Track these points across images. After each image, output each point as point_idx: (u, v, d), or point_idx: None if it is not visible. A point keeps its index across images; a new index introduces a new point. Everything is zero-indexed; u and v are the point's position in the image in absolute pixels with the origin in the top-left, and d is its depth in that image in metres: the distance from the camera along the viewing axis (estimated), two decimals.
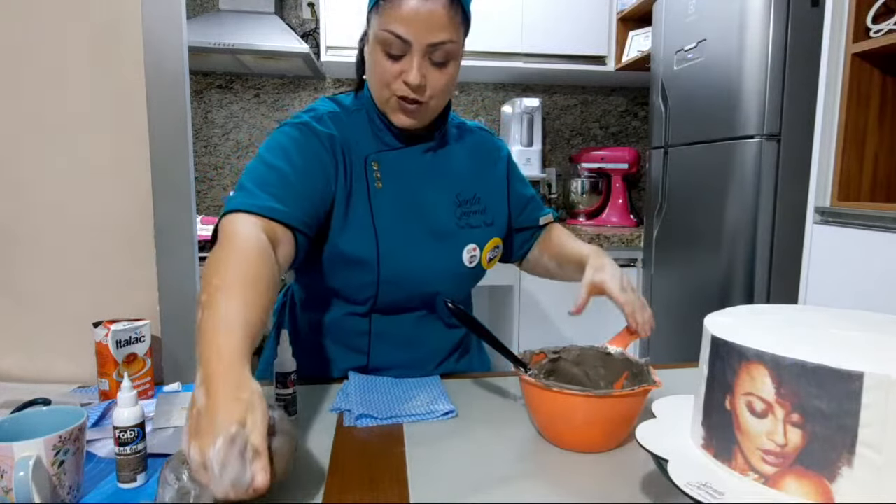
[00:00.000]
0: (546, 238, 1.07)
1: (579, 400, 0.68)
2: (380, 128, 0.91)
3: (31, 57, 0.95)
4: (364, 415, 0.79)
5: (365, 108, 0.92)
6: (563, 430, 0.71)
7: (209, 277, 0.65)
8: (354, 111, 0.93)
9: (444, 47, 0.81)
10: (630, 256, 2.41)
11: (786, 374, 0.47)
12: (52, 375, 0.99)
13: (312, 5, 2.76)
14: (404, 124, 0.87)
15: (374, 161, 0.90)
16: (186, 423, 0.54)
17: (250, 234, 0.72)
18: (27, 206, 0.98)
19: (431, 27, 0.79)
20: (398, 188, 0.91)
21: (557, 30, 2.58)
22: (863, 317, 0.59)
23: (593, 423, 0.69)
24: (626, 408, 0.69)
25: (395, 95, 0.84)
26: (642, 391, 0.69)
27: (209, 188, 2.84)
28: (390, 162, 0.91)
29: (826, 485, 0.45)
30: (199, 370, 0.56)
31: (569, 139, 3.06)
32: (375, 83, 0.85)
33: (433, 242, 0.92)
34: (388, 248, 0.88)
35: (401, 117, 0.86)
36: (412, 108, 0.85)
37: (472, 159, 0.99)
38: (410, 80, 0.81)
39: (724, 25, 1.76)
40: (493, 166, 1.02)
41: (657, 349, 2.23)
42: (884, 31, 1.32)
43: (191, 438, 0.51)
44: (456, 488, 0.63)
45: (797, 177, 1.61)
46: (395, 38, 0.79)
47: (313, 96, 2.85)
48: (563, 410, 0.69)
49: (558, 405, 0.69)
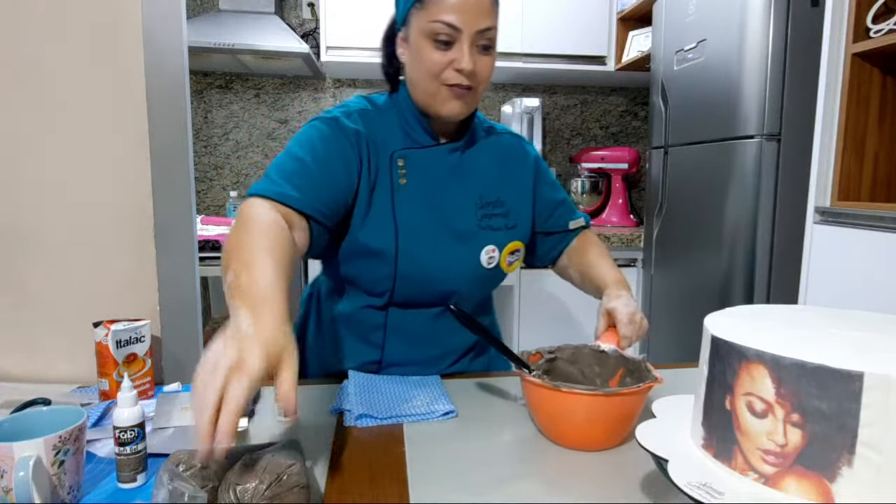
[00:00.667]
0: (577, 249, 1.07)
1: (586, 399, 0.68)
2: (412, 126, 0.93)
3: (31, 57, 0.95)
4: (364, 415, 0.79)
5: (397, 107, 0.95)
6: (567, 428, 0.72)
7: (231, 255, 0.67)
8: (386, 110, 0.95)
9: (489, 33, 0.86)
10: (630, 256, 2.41)
11: (786, 374, 0.47)
12: (52, 375, 0.99)
13: (312, 5, 2.76)
14: (454, 112, 0.89)
15: (401, 157, 0.92)
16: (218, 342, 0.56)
17: (267, 215, 0.75)
18: (27, 206, 0.98)
19: (479, 14, 0.84)
20: (421, 186, 0.93)
21: (557, 30, 2.58)
22: (863, 317, 0.59)
23: (598, 421, 0.70)
24: (629, 405, 0.70)
25: (445, 85, 0.86)
26: (646, 388, 0.70)
27: (209, 188, 2.84)
28: (416, 159, 0.93)
29: (826, 485, 0.45)
30: (240, 305, 0.59)
31: (569, 139, 3.06)
32: (423, 76, 0.87)
33: (452, 241, 0.93)
34: (406, 243, 0.90)
35: (452, 105, 0.88)
36: (463, 94, 0.87)
37: (498, 163, 1.01)
38: (464, 65, 0.84)
39: (724, 25, 1.76)
40: (519, 171, 1.03)
41: (657, 349, 2.23)
42: (884, 31, 1.32)
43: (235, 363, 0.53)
44: (456, 488, 0.63)
45: (797, 177, 1.61)
46: (445, 26, 0.83)
47: (313, 96, 2.85)
48: (568, 409, 0.70)
49: (564, 404, 0.69)
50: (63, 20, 0.95)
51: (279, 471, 0.55)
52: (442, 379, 0.94)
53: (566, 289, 1.15)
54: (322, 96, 2.86)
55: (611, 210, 2.83)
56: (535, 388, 0.72)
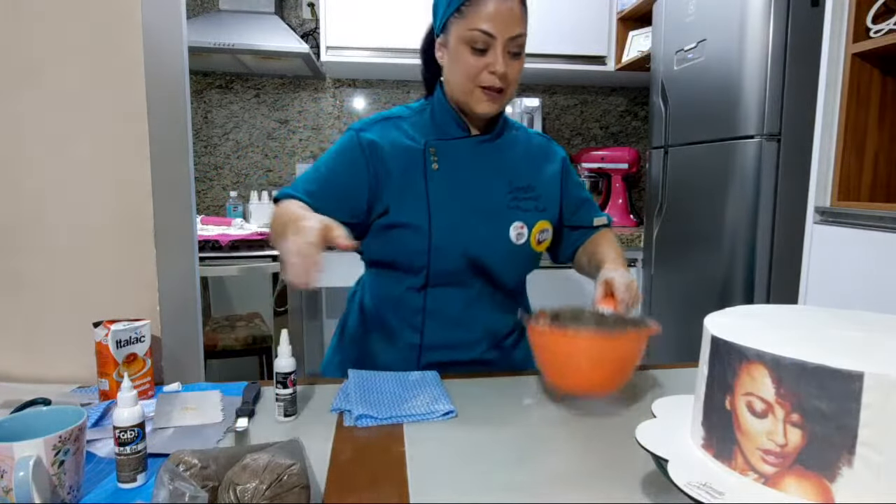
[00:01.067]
0: (593, 241, 1.13)
1: (590, 341, 0.75)
2: (445, 120, 1.04)
3: (31, 57, 0.95)
4: (364, 415, 0.79)
5: (431, 106, 1.06)
6: (572, 372, 0.78)
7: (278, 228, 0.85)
8: (422, 111, 1.07)
9: (519, 40, 0.96)
10: (630, 256, 2.41)
11: (786, 374, 0.47)
12: (52, 375, 0.99)
13: (312, 5, 2.76)
14: (487, 111, 0.99)
15: (432, 147, 1.03)
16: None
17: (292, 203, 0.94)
18: (27, 206, 0.98)
19: (511, 22, 0.94)
20: (452, 170, 1.02)
21: (557, 30, 2.58)
22: (863, 317, 0.59)
23: (600, 363, 0.76)
24: (629, 350, 0.76)
25: (479, 87, 0.97)
26: (645, 332, 0.77)
27: (209, 188, 2.83)
28: (447, 148, 1.03)
29: (826, 485, 0.45)
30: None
31: (569, 139, 3.06)
32: (461, 78, 0.97)
33: (481, 216, 1.02)
34: (438, 218, 0.99)
35: (485, 105, 0.98)
36: (495, 95, 0.98)
37: (527, 155, 1.10)
38: (498, 69, 0.94)
39: (724, 25, 1.76)
40: (549, 164, 1.12)
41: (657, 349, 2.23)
42: (884, 31, 1.32)
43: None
44: (456, 488, 0.63)
45: (797, 177, 1.61)
46: (481, 34, 0.93)
47: (313, 96, 2.85)
48: (574, 352, 0.76)
49: (571, 346, 0.76)
50: (63, 20, 0.95)
51: (279, 471, 0.55)
52: (442, 379, 0.94)
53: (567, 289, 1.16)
54: (322, 96, 2.86)
55: (611, 210, 2.83)
56: (544, 335, 0.78)
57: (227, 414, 0.81)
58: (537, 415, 0.84)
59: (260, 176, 2.87)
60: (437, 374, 0.96)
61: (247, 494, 0.53)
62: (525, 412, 0.82)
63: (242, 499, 0.53)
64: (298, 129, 2.87)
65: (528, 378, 0.99)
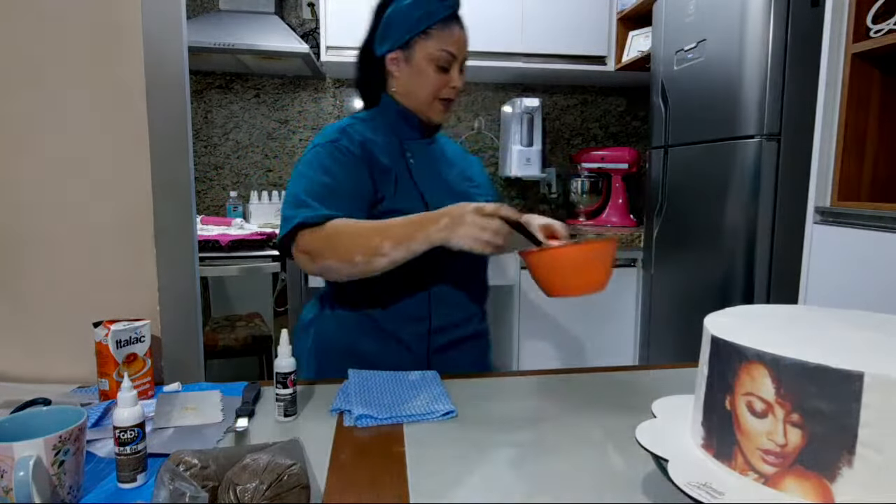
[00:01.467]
0: None
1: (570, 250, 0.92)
2: (402, 127, 1.15)
3: (31, 57, 0.95)
4: (364, 415, 0.79)
5: (379, 116, 1.16)
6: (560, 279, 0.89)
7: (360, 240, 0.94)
8: (371, 119, 1.16)
9: (468, 59, 1.14)
10: (630, 256, 2.41)
11: (786, 374, 0.47)
12: (52, 375, 0.99)
13: (312, 5, 2.76)
14: (442, 119, 1.17)
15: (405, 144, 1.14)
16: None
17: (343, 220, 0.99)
18: (27, 206, 0.98)
19: (466, 45, 1.12)
20: (425, 164, 1.15)
21: (557, 30, 2.57)
22: (863, 317, 0.59)
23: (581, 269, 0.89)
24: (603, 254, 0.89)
25: (438, 98, 1.12)
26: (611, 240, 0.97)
27: (209, 188, 2.83)
28: (416, 148, 1.16)
29: (826, 485, 0.45)
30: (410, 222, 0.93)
31: (569, 139, 3.06)
32: (424, 91, 1.11)
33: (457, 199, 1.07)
34: (430, 200, 1.09)
35: (441, 115, 1.15)
36: (449, 105, 1.14)
37: (455, 154, 1.26)
38: (458, 85, 1.12)
39: (724, 25, 1.76)
40: (470, 161, 1.29)
41: (657, 349, 2.23)
42: (884, 31, 1.32)
43: None
44: (456, 489, 0.63)
45: (797, 177, 1.61)
46: (448, 54, 1.09)
47: (313, 96, 2.85)
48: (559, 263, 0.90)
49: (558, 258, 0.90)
50: (63, 20, 0.95)
51: (279, 471, 0.55)
52: (442, 379, 0.94)
53: None
54: (322, 96, 2.86)
55: (611, 210, 2.83)
56: (536, 254, 0.90)
57: (227, 414, 0.81)
58: (537, 415, 0.84)
59: (260, 176, 2.87)
60: (436, 374, 0.96)
61: (247, 494, 0.53)
62: (524, 412, 0.82)
63: (242, 499, 0.53)
64: (298, 130, 2.87)
65: (529, 378, 0.99)
